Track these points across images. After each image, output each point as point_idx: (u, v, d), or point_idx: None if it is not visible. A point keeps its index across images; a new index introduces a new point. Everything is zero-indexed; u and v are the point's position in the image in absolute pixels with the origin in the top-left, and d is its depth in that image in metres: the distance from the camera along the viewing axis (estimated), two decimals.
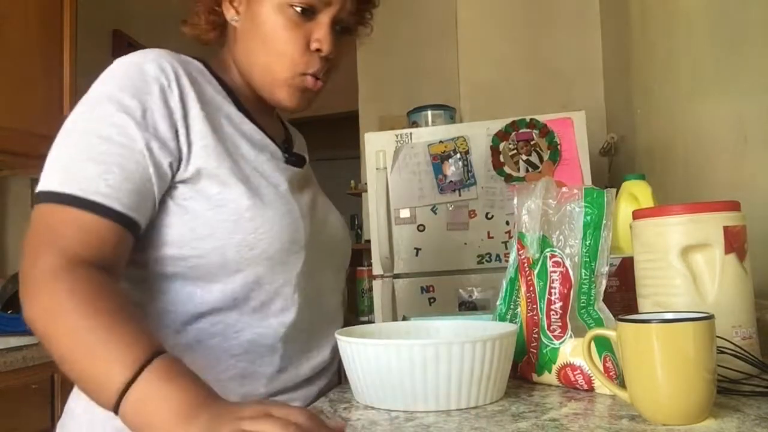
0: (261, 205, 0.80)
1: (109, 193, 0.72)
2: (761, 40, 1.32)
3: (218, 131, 0.81)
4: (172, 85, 0.79)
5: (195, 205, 0.79)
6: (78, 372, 0.66)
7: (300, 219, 0.84)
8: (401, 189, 2.33)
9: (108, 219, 0.72)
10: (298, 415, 0.58)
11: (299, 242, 0.83)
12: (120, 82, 0.77)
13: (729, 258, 0.78)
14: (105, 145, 0.73)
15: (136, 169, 0.74)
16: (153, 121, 0.76)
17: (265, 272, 0.81)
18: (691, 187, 1.76)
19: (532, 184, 0.86)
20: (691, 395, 0.61)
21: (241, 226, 0.78)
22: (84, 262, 0.69)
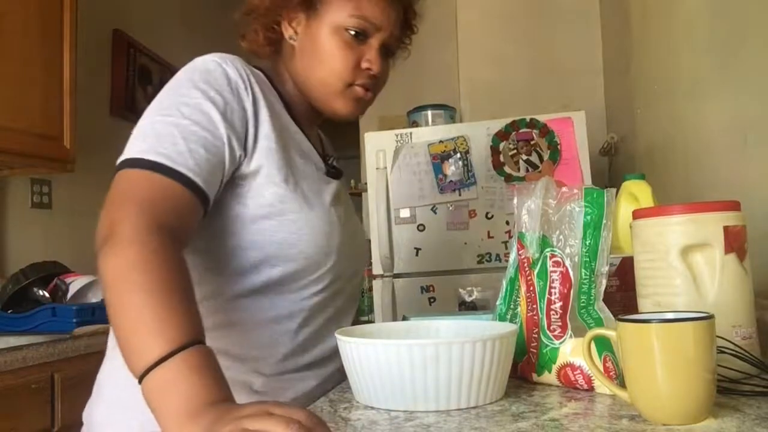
0: (307, 209, 0.90)
1: (196, 169, 0.79)
2: (761, 40, 1.32)
3: (279, 137, 0.90)
4: (248, 89, 0.88)
5: (245, 202, 0.87)
6: (125, 330, 0.69)
7: (337, 226, 0.94)
8: (401, 189, 2.33)
9: (192, 192, 0.79)
10: (298, 414, 0.59)
11: (332, 247, 0.93)
12: (204, 76, 0.86)
13: (729, 258, 0.78)
14: (193, 126, 0.81)
15: (216, 153, 0.82)
16: (231, 115, 0.85)
17: (300, 270, 0.90)
18: (691, 187, 1.76)
19: (532, 184, 0.86)
20: (691, 395, 0.61)
21: (284, 225, 0.88)
22: (169, 229, 0.74)
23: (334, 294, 0.97)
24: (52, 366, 1.70)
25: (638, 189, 1.24)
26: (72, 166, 2.24)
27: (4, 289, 2.05)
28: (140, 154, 0.79)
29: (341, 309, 1.00)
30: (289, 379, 0.92)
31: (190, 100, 0.83)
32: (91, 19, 2.74)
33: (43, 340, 1.73)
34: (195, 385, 0.64)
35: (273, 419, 0.57)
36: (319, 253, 0.91)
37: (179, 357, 0.65)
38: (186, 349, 0.66)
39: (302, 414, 0.59)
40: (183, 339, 0.66)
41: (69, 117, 2.20)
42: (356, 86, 0.96)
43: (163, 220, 0.75)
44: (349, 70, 0.95)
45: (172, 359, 0.65)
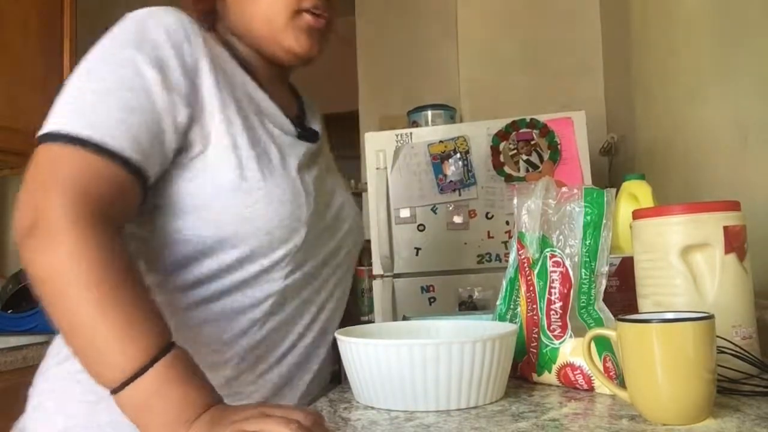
0: (261, 177, 0.78)
1: (130, 144, 0.69)
2: (761, 40, 1.32)
3: (230, 96, 0.80)
4: (189, 39, 0.77)
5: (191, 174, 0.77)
6: (84, 343, 0.63)
7: (303, 195, 0.82)
8: (401, 189, 2.33)
9: (128, 171, 0.69)
10: (296, 414, 0.59)
11: (300, 219, 0.81)
12: (139, 30, 0.75)
13: (729, 258, 0.78)
14: (123, 91, 0.71)
15: (154, 120, 0.72)
16: (173, 74, 0.74)
17: (263, 248, 0.79)
18: (691, 187, 1.76)
19: (532, 184, 0.86)
20: (691, 395, 0.61)
21: (238, 199, 0.76)
22: (104, 215, 0.66)
23: (310, 276, 0.86)
24: None
25: (638, 189, 1.24)
26: None
27: (4, 289, 2.05)
28: (64, 127, 0.68)
29: (320, 293, 0.89)
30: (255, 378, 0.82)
31: (123, 61, 0.72)
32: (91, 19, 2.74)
33: (43, 340, 1.73)
34: (182, 393, 0.61)
35: (271, 420, 0.57)
36: (282, 228, 0.79)
37: (159, 366, 0.61)
38: (164, 355, 0.62)
39: (300, 414, 0.59)
40: (157, 345, 0.62)
41: None
42: (305, 14, 0.85)
43: (95, 205, 0.66)
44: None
45: (152, 369, 0.61)
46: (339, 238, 0.92)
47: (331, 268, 0.91)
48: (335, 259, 0.92)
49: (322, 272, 0.89)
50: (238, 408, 0.62)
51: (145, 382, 0.61)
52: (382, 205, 2.31)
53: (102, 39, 0.76)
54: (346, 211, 0.95)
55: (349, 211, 0.96)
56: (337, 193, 0.95)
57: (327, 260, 0.89)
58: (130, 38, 0.74)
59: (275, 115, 0.86)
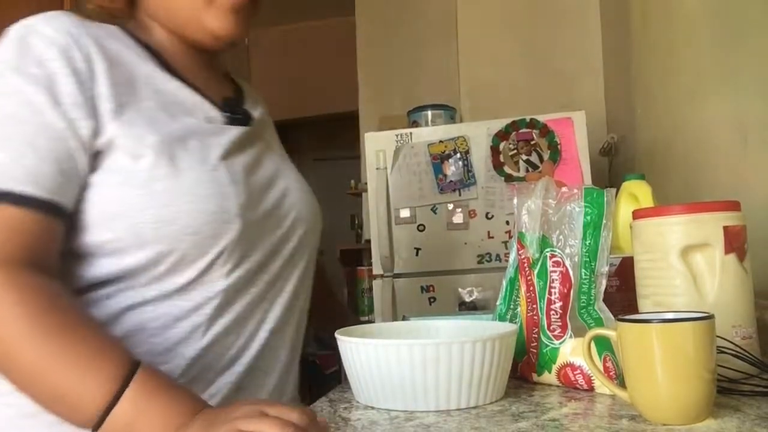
0: (176, 173, 0.71)
1: (26, 179, 0.64)
2: (761, 41, 1.32)
3: (131, 94, 0.74)
4: (75, 44, 0.71)
5: (104, 180, 0.70)
6: (46, 393, 0.61)
7: (229, 185, 0.75)
8: (401, 189, 2.33)
9: (31, 209, 0.64)
10: (292, 413, 0.58)
11: (229, 211, 0.74)
12: (18, 49, 0.70)
13: (729, 258, 0.78)
14: (11, 124, 0.66)
15: (52, 146, 0.66)
16: (63, 87, 0.69)
17: (193, 249, 0.72)
18: (691, 187, 1.75)
19: (532, 184, 0.86)
20: (691, 395, 0.61)
21: (153, 199, 0.70)
22: (20, 265, 0.62)
23: (255, 271, 0.79)
24: None
25: (638, 189, 1.24)
26: None
27: None
28: None
29: (271, 289, 0.83)
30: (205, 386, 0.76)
31: (6, 91, 0.67)
32: None
33: None
34: (165, 406, 0.60)
35: (267, 420, 0.56)
36: (210, 224, 0.72)
37: (131, 389, 0.60)
38: (132, 377, 0.60)
39: (295, 414, 0.58)
40: (122, 369, 0.60)
41: None
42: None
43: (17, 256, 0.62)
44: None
45: (125, 395, 0.59)
46: (286, 227, 0.85)
47: (282, 260, 0.84)
48: (284, 249, 0.85)
49: (271, 266, 0.82)
50: (234, 406, 0.60)
51: (123, 409, 0.59)
52: (382, 205, 2.31)
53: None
54: (293, 197, 0.87)
55: (297, 197, 0.88)
56: (280, 178, 0.87)
57: (275, 252, 0.83)
58: (10, 62, 0.69)
59: (191, 103, 0.80)
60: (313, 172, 6.90)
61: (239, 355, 0.79)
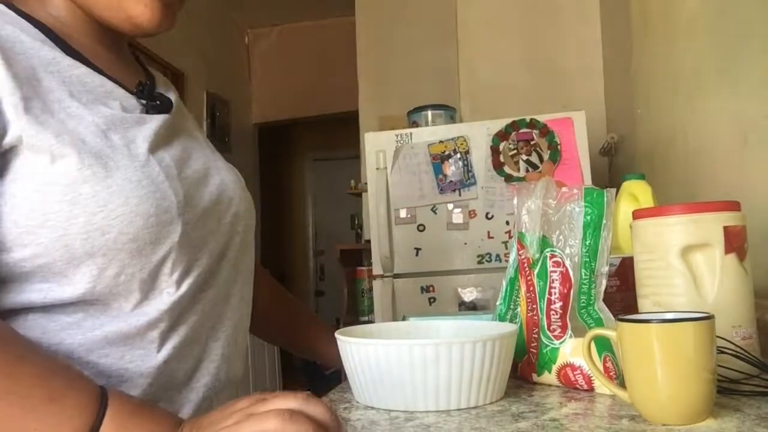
0: (104, 174, 0.62)
1: None
2: (761, 40, 1.32)
3: (32, 85, 0.63)
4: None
5: (15, 189, 0.60)
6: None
7: (165, 181, 0.67)
8: (401, 189, 2.33)
9: None
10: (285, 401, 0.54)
11: (170, 210, 0.66)
12: None
13: (729, 258, 0.78)
14: None
15: None
16: None
17: (132, 259, 0.63)
18: (691, 187, 1.76)
19: (532, 184, 0.86)
20: (691, 395, 0.61)
21: (80, 206, 0.60)
22: None
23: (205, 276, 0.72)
24: None
25: (638, 189, 1.24)
26: None
27: None
28: None
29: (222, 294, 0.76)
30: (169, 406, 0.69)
31: None
32: None
33: None
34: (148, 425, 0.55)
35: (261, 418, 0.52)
36: (150, 228, 0.64)
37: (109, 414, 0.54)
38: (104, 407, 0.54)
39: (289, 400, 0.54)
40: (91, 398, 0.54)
41: None
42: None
43: None
44: None
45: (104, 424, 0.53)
46: (229, 223, 0.77)
47: (229, 262, 0.77)
48: (230, 250, 0.77)
49: (220, 270, 0.75)
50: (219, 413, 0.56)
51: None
52: (382, 205, 2.31)
53: None
54: (230, 190, 0.79)
55: (233, 191, 0.80)
56: (213, 171, 0.78)
57: (222, 253, 0.75)
58: None
59: (103, 90, 0.70)
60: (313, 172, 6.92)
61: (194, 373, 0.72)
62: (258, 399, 0.55)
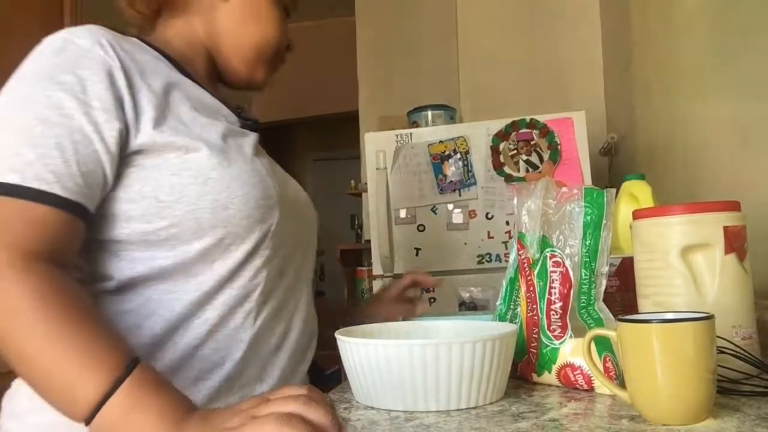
0: (227, 164, 0.79)
1: (52, 179, 0.68)
2: (761, 40, 1.32)
3: (167, 98, 0.79)
4: (110, 54, 0.76)
5: (156, 174, 0.76)
6: (43, 380, 0.62)
7: (267, 175, 0.84)
8: (401, 189, 2.33)
9: (54, 207, 0.67)
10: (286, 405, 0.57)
11: (272, 197, 0.83)
12: (54, 57, 0.74)
13: (729, 258, 0.78)
14: (42, 126, 0.69)
15: (77, 149, 0.70)
16: (94, 92, 0.72)
17: (243, 231, 0.80)
18: (691, 187, 1.76)
19: (532, 184, 0.86)
20: (691, 395, 0.61)
21: (210, 186, 0.77)
22: (37, 257, 0.65)
23: (287, 261, 0.88)
24: None
25: (638, 189, 1.25)
26: None
27: None
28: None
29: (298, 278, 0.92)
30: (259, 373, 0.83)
31: (36, 94, 0.71)
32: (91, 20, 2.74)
33: None
34: (159, 402, 0.60)
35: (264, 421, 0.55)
36: (259, 209, 0.81)
37: (128, 384, 0.60)
38: (130, 372, 0.61)
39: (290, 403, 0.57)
40: (120, 364, 0.61)
41: None
42: (278, 58, 1.00)
43: (34, 249, 0.65)
44: (282, 42, 0.98)
45: (119, 390, 0.60)
46: (303, 221, 0.95)
47: (302, 252, 0.94)
48: (303, 242, 0.94)
49: (296, 258, 0.91)
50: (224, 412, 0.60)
51: (118, 401, 0.60)
52: (382, 205, 2.31)
53: (18, 70, 0.75)
54: (303, 198, 0.98)
55: (306, 199, 1.00)
56: (289, 180, 0.97)
57: (298, 244, 0.92)
58: (45, 70, 0.73)
59: (217, 107, 0.88)
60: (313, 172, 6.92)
61: (281, 343, 0.87)
62: (262, 400, 0.60)
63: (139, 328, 0.76)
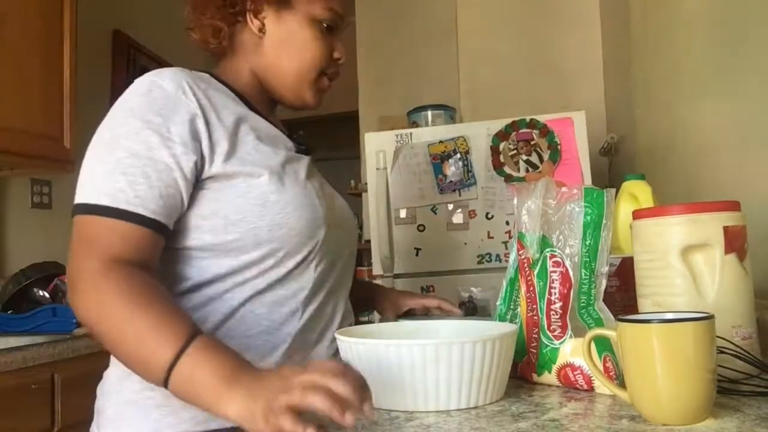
0: (282, 189, 0.91)
1: (138, 202, 0.82)
2: (761, 41, 1.32)
3: (237, 132, 0.91)
4: (189, 96, 0.88)
5: (224, 196, 0.89)
6: (130, 355, 0.77)
7: (316, 198, 0.96)
8: (401, 189, 2.33)
9: (138, 225, 0.82)
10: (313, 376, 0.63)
11: (320, 218, 0.95)
12: (142, 99, 0.87)
13: (729, 258, 0.78)
14: (131, 159, 0.83)
15: (160, 177, 0.84)
16: (176, 129, 0.85)
17: (295, 246, 0.92)
18: (691, 187, 1.76)
19: (532, 184, 0.86)
20: (691, 395, 0.61)
21: (268, 208, 0.89)
22: (123, 263, 0.80)
23: (330, 269, 1.00)
24: (53, 366, 1.69)
25: (638, 189, 1.24)
26: (72, 167, 2.23)
27: (4, 290, 2.05)
28: (83, 199, 0.83)
29: (338, 284, 1.03)
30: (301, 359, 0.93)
31: (128, 131, 0.84)
32: (91, 20, 2.74)
33: (43, 340, 1.73)
34: (218, 360, 0.71)
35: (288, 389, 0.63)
36: (308, 228, 0.93)
37: (191, 347, 0.72)
38: (192, 341, 0.73)
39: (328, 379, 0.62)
40: (186, 333, 0.74)
41: (69, 117, 2.20)
42: (325, 77, 1.04)
43: (121, 257, 0.80)
44: (324, 60, 1.02)
45: (185, 353, 0.72)
46: (346, 236, 1.06)
47: (343, 261, 1.04)
48: (345, 252, 1.05)
49: (338, 266, 1.02)
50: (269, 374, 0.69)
51: (184, 363, 0.72)
52: (382, 205, 2.31)
53: (112, 109, 0.89)
54: (347, 213, 1.09)
55: (349, 213, 1.10)
56: (336, 197, 1.07)
57: (340, 254, 1.03)
58: (136, 110, 0.86)
59: (279, 137, 0.99)
60: None
61: (321, 338, 0.98)
62: (301, 369, 0.66)
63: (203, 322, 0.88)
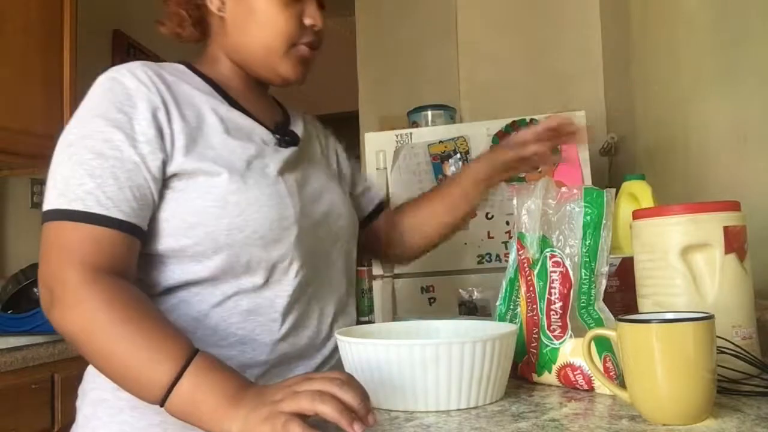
0: (244, 188, 0.85)
1: (109, 204, 0.78)
2: (761, 41, 1.32)
3: (200, 126, 0.87)
4: (151, 89, 0.85)
5: (185, 196, 0.84)
6: (120, 372, 0.74)
7: (287, 196, 0.89)
8: (401, 189, 2.33)
9: (113, 228, 0.78)
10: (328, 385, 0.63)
11: (289, 217, 0.88)
12: (104, 97, 0.84)
13: (729, 258, 0.78)
14: (98, 160, 0.79)
15: (129, 177, 0.80)
16: (140, 127, 0.82)
17: (260, 251, 0.85)
18: (691, 187, 1.76)
19: (531, 184, 0.86)
20: (691, 395, 0.61)
21: (227, 210, 0.83)
22: (104, 271, 0.76)
23: (313, 270, 0.92)
24: (52, 366, 1.70)
25: (638, 189, 1.24)
26: None
27: (4, 290, 2.05)
28: (53, 205, 0.79)
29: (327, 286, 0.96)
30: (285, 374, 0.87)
31: (92, 131, 0.81)
32: (91, 19, 2.74)
33: (43, 340, 1.73)
34: (221, 380, 0.70)
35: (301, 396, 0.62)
36: (273, 231, 0.86)
37: (192, 367, 0.70)
38: (193, 358, 0.71)
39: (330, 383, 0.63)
40: (184, 352, 0.72)
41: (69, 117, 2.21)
42: (300, 45, 0.94)
43: (100, 264, 0.76)
44: (292, 29, 0.92)
45: (186, 373, 0.70)
46: (335, 232, 0.98)
47: (328, 262, 0.97)
48: (333, 255, 0.98)
49: (321, 268, 0.95)
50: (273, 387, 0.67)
51: (185, 383, 0.70)
52: None
53: (77, 109, 0.85)
54: (338, 208, 1.00)
55: (341, 208, 1.01)
56: (326, 193, 0.99)
57: (324, 255, 0.96)
58: (97, 108, 0.83)
59: (250, 128, 0.93)
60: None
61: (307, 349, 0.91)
62: (305, 378, 0.66)
63: None
